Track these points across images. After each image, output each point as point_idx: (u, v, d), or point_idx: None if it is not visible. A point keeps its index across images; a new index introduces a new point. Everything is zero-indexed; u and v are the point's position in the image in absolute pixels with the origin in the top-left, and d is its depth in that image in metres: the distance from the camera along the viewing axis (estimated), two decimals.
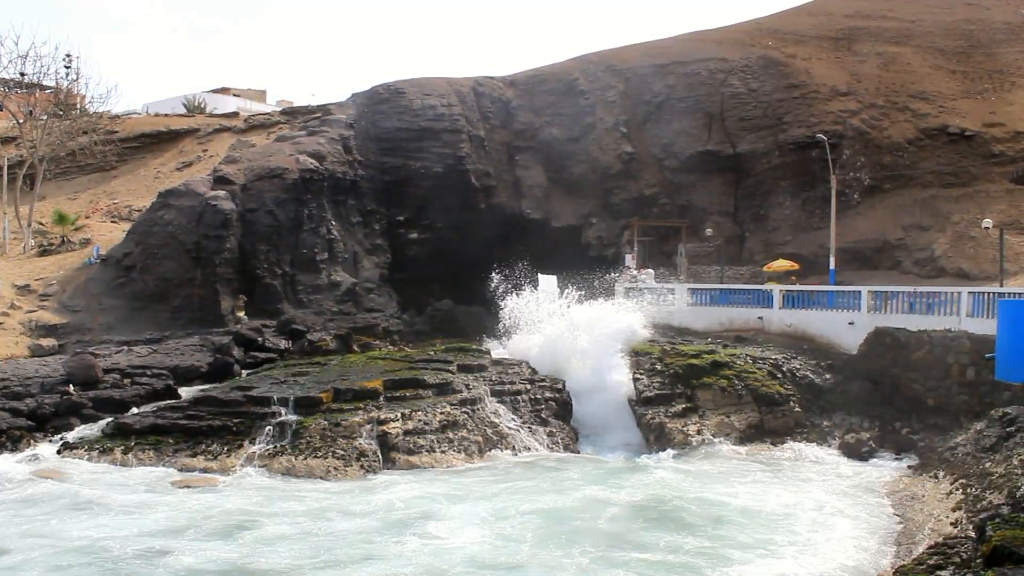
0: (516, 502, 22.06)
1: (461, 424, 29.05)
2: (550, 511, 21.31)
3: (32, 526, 20.56)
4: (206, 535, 19.77)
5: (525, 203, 47.04)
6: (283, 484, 24.50)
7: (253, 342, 36.62)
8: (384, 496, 22.89)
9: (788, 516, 21.12)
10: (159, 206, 41.71)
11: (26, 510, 22.06)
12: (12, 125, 56.74)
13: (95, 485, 23.96)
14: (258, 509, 21.78)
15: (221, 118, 62.68)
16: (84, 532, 19.88)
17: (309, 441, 26.89)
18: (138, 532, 19.93)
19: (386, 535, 19.58)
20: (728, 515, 21.05)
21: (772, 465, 27.57)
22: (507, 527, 20.05)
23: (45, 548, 18.89)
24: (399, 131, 46.33)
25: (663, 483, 24.60)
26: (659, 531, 19.78)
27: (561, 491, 23.31)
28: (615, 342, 34.26)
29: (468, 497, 22.75)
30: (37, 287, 40.71)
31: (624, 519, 20.94)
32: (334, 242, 42.42)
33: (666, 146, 47.21)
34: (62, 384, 30.68)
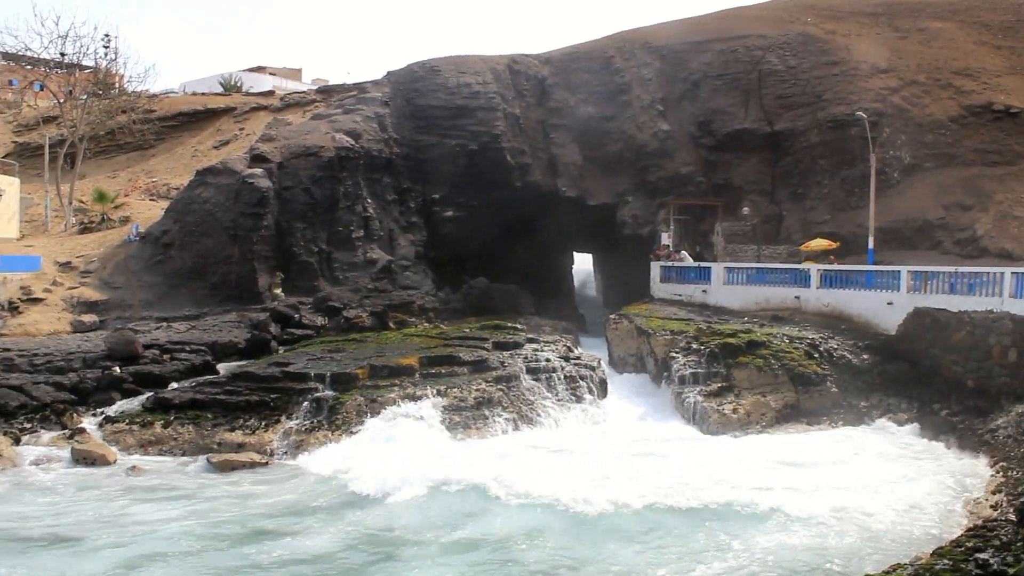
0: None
1: (496, 401, 29.20)
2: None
3: (97, 510, 20.91)
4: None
5: (560, 181, 46.80)
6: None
7: (290, 319, 36.90)
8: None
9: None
10: (197, 184, 42.01)
11: (81, 493, 22.41)
12: (53, 105, 57.40)
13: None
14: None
15: (257, 97, 62.94)
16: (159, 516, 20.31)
17: (345, 417, 27.15)
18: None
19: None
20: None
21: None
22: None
23: (118, 533, 19.25)
24: (434, 109, 46.23)
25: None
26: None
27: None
28: None
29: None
30: (78, 264, 41.22)
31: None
32: (370, 220, 42.52)
33: (702, 124, 46.71)
34: (103, 359, 31.16)
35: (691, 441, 28.20)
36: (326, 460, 24.94)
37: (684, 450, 26.50)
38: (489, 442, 27.03)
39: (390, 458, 24.06)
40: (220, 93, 66.31)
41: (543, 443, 26.98)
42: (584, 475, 22.88)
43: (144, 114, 57.13)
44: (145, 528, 19.53)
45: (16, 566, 17.27)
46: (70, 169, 51.83)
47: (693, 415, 30.26)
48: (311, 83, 76.58)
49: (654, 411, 32.06)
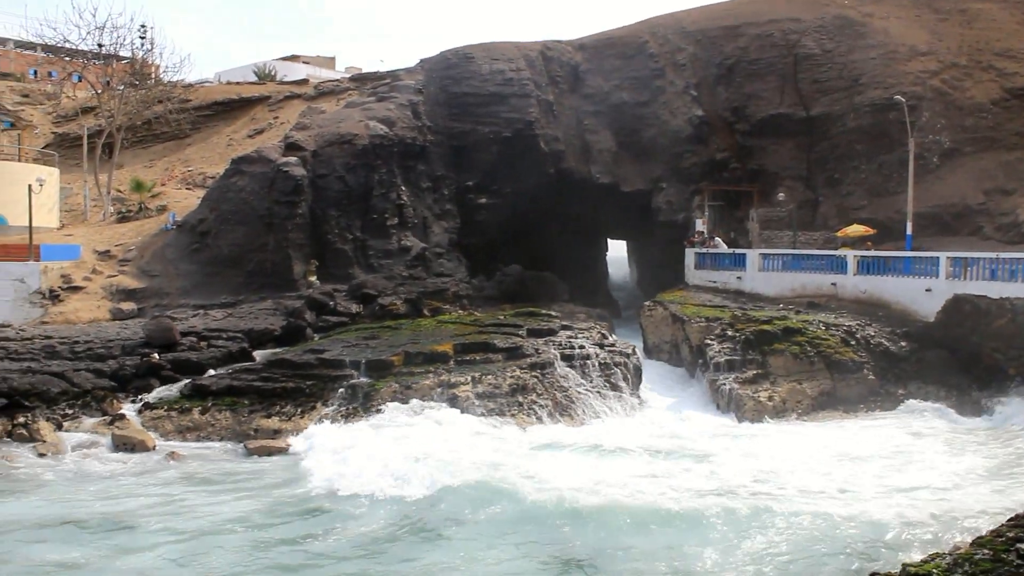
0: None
1: (531, 388, 29.22)
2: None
3: (143, 495, 21.18)
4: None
5: (594, 168, 46.61)
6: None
7: (325, 306, 37.11)
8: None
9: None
10: (232, 173, 42.29)
11: (125, 478, 22.72)
12: (91, 96, 58.00)
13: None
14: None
15: (291, 85, 63.19)
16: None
17: (380, 403, 27.28)
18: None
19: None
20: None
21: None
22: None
23: (168, 518, 19.47)
24: (468, 96, 46.19)
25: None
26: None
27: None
28: None
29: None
30: (117, 253, 41.67)
31: None
32: (404, 207, 42.61)
33: (737, 109, 46.35)
34: (142, 346, 31.50)
35: (731, 431, 27.79)
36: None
37: (727, 443, 25.94)
38: (525, 431, 27.02)
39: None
40: (254, 82, 66.66)
41: (578, 432, 26.96)
42: (623, 469, 22.41)
43: (180, 104, 57.62)
44: (193, 513, 19.77)
45: (72, 550, 17.51)
46: (108, 159, 52.39)
47: (728, 402, 30.12)
48: (344, 71, 76.71)
49: (689, 399, 32.02)
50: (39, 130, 58.47)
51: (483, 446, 24.60)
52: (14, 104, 59.15)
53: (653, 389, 33.00)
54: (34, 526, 18.74)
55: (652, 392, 32.63)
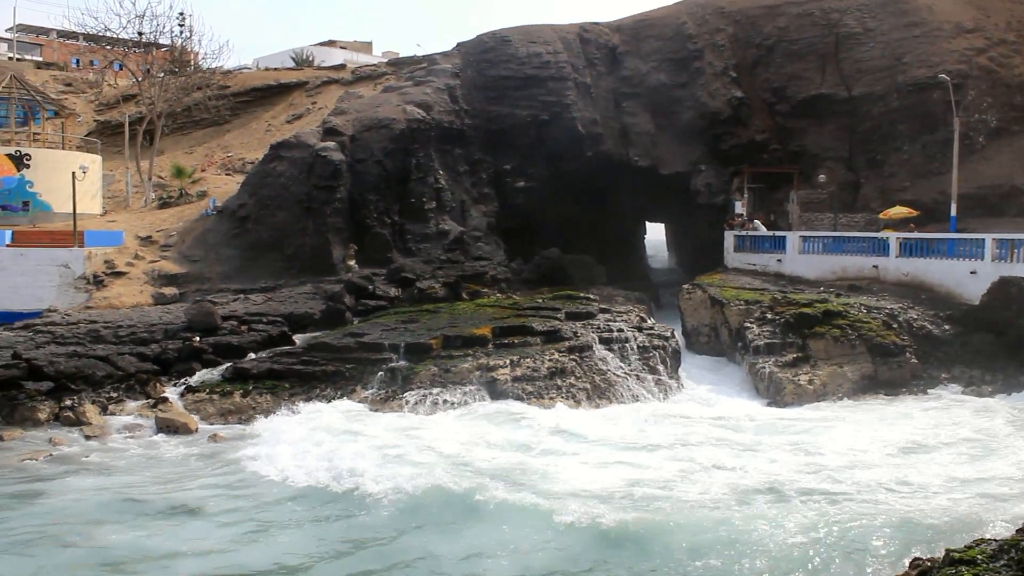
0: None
1: (570, 371, 29.21)
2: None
3: (194, 478, 21.41)
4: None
5: (632, 150, 46.33)
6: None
7: (364, 290, 37.28)
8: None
9: None
10: (271, 158, 42.56)
11: (173, 460, 23.01)
12: (132, 83, 58.68)
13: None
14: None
15: (329, 71, 63.43)
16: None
17: (420, 386, 27.42)
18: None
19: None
20: None
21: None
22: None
23: (226, 501, 19.65)
24: (505, 80, 46.05)
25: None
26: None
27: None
28: None
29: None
30: (158, 238, 42.16)
31: None
32: (442, 191, 42.67)
33: (777, 90, 45.81)
34: (184, 331, 31.87)
35: (774, 417, 27.13)
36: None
37: (771, 432, 25.03)
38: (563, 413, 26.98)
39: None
40: (292, 68, 67.03)
41: (614, 418, 26.74)
42: (661, 465, 21.57)
43: (219, 90, 58.08)
44: (245, 493, 20.07)
45: (135, 532, 17.75)
46: (149, 146, 52.99)
47: (768, 386, 29.89)
48: (381, 56, 76.84)
49: (728, 382, 31.83)
50: (82, 118, 59.26)
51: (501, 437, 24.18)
52: (57, 93, 59.93)
53: (692, 372, 32.86)
54: (93, 508, 18.98)
55: (691, 375, 32.49)
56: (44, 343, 30.35)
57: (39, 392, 26.72)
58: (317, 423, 25.21)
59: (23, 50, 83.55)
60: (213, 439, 24.77)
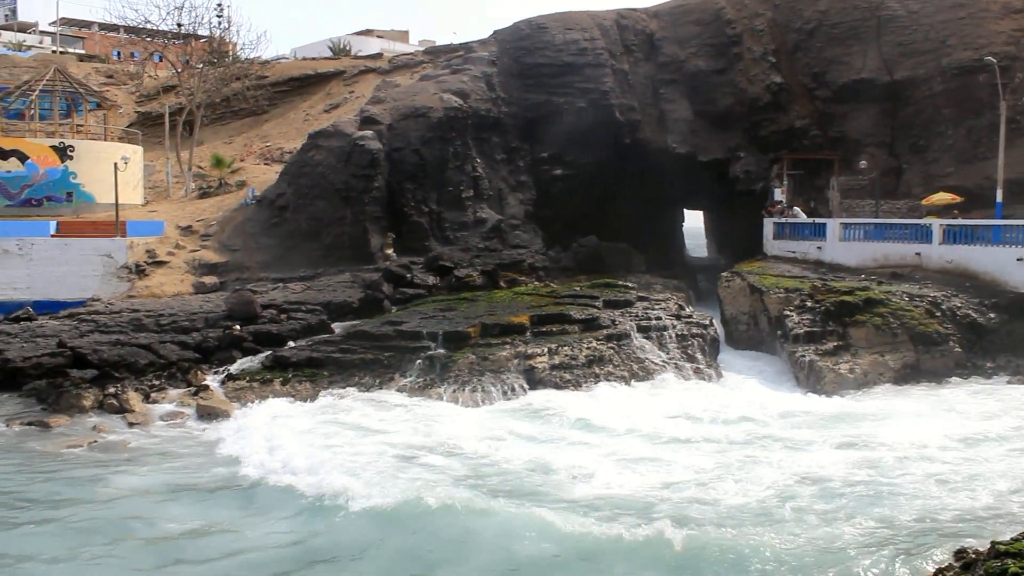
0: None
1: (608, 359, 29.15)
2: None
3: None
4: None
5: (670, 137, 45.98)
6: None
7: (402, 278, 37.42)
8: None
9: None
10: (309, 147, 42.76)
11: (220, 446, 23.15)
12: (171, 75, 59.22)
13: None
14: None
15: (366, 60, 63.61)
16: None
17: (458, 374, 27.48)
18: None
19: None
20: None
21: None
22: None
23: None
24: (542, 67, 45.83)
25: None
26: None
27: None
28: None
29: None
30: (198, 228, 42.56)
31: None
32: (479, 179, 42.65)
33: (817, 75, 45.14)
34: (224, 319, 32.22)
35: (817, 408, 26.57)
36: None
37: (816, 424, 24.55)
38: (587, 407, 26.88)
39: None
40: (329, 57, 67.28)
41: (654, 406, 26.48)
42: (699, 462, 20.96)
43: (257, 80, 58.46)
44: None
45: (195, 517, 18.03)
46: (189, 136, 53.46)
47: (808, 375, 29.57)
48: (418, 44, 76.92)
49: (767, 371, 31.56)
50: (123, 110, 59.94)
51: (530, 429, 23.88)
52: (99, 85, 60.64)
53: (730, 361, 32.63)
54: (149, 494, 19.29)
55: (729, 364, 32.26)
56: (88, 332, 30.85)
57: (84, 380, 27.21)
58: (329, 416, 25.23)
59: (66, 43, 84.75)
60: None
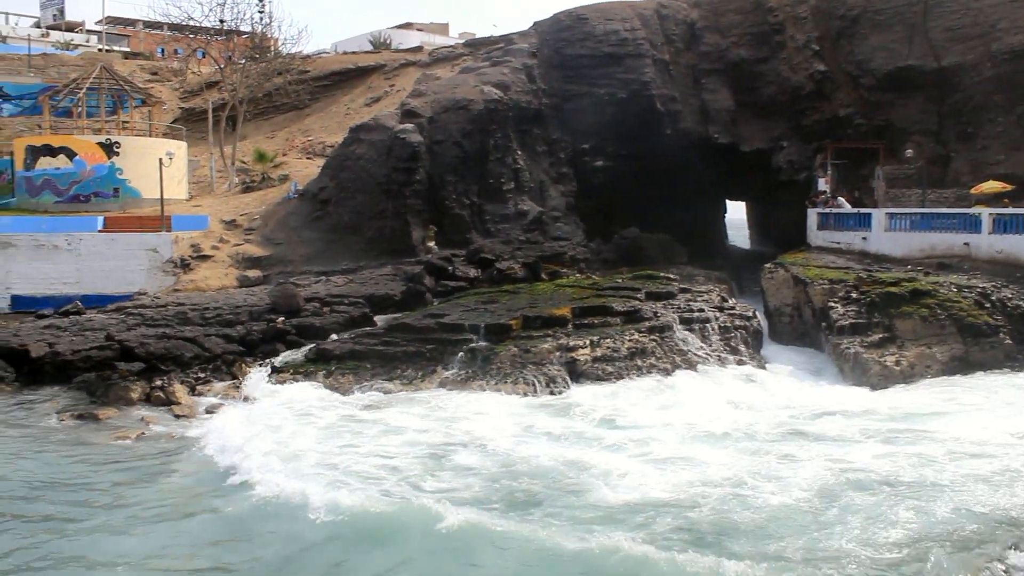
0: None
1: (650, 351, 28.99)
2: None
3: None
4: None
5: (712, 127, 45.65)
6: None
7: (443, 271, 37.52)
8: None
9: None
10: (350, 141, 42.99)
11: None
12: (214, 71, 59.80)
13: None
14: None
15: (406, 53, 63.79)
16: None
17: (500, 367, 27.48)
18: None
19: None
20: None
21: None
22: None
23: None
24: (582, 58, 45.69)
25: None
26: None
27: None
28: None
29: None
30: (242, 222, 42.98)
31: None
32: (520, 171, 42.64)
33: (862, 63, 44.48)
34: (268, 312, 32.51)
35: (864, 398, 26.15)
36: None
37: (863, 413, 24.13)
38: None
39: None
40: (370, 51, 67.60)
41: (696, 399, 26.22)
42: (736, 459, 20.39)
43: (298, 75, 58.83)
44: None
45: (235, 505, 18.03)
46: (232, 131, 53.95)
47: (853, 367, 29.17)
48: (458, 37, 77.01)
49: (811, 363, 31.15)
50: (167, 106, 60.62)
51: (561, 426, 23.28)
52: (144, 82, 61.39)
53: (774, 353, 32.33)
54: (192, 484, 19.49)
55: (773, 356, 31.97)
56: (135, 325, 31.28)
57: (131, 372, 27.56)
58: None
59: (111, 41, 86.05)
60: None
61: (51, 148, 46.35)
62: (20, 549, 16.11)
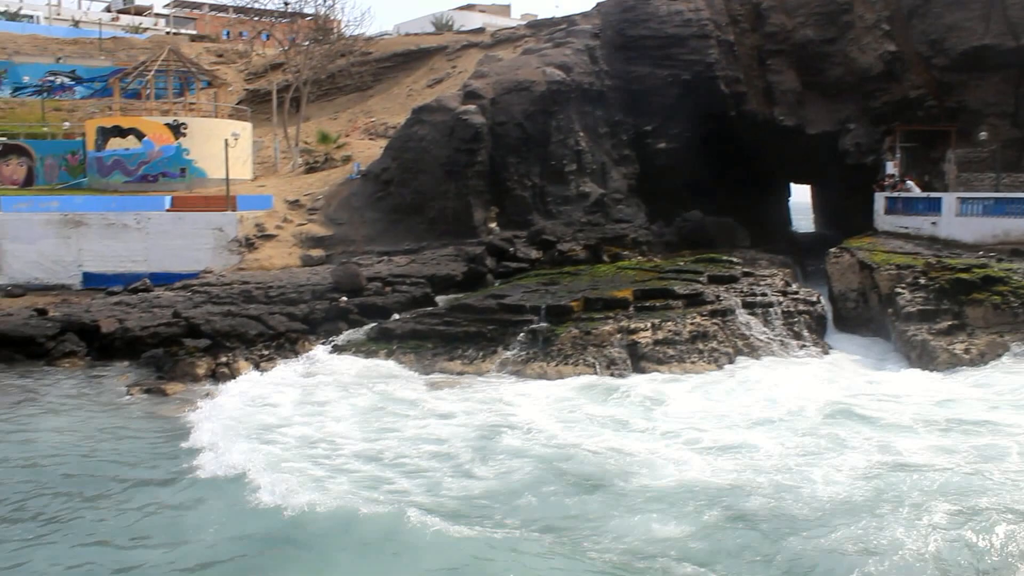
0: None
1: (712, 335, 28.73)
2: None
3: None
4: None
5: (777, 110, 44.88)
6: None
7: (505, 252, 37.57)
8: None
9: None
10: (413, 122, 43.13)
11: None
12: (279, 53, 60.47)
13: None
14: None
15: (468, 34, 63.80)
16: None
17: (560, 348, 27.47)
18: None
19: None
20: None
21: None
22: None
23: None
24: (645, 39, 45.19)
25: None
26: None
27: None
28: None
29: None
30: (306, 202, 43.46)
31: None
32: (582, 153, 42.44)
33: (935, 42, 43.32)
34: (330, 291, 32.88)
35: (932, 387, 25.34)
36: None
37: (931, 401, 23.50)
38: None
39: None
40: (432, 33, 67.72)
41: (756, 384, 25.78)
42: (807, 437, 20.32)
43: (361, 57, 59.23)
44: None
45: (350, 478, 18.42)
46: (295, 112, 54.51)
47: (920, 355, 28.52)
48: (520, 18, 76.82)
49: (877, 350, 30.56)
50: (232, 87, 61.46)
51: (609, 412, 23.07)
52: (210, 64, 62.29)
53: (838, 339, 31.81)
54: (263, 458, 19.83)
55: (837, 342, 31.45)
56: (201, 303, 31.87)
57: (197, 349, 28.11)
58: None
59: (178, 24, 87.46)
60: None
61: (121, 129, 47.29)
62: (103, 522, 16.60)
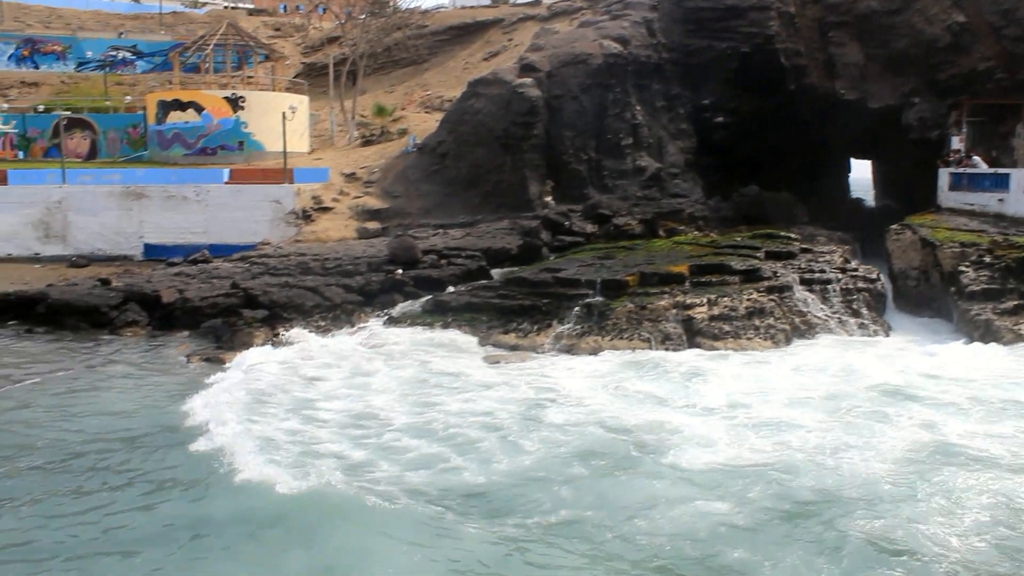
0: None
1: (768, 312, 28.42)
2: None
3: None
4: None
5: (839, 83, 43.94)
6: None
7: (560, 226, 37.45)
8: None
9: None
10: (469, 95, 43.06)
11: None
12: (335, 26, 60.70)
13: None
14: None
15: (524, 7, 63.42)
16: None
17: (615, 323, 27.38)
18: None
19: None
20: None
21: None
22: None
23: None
24: (704, 11, 44.48)
25: None
26: None
27: None
28: None
29: None
30: (362, 175, 43.71)
31: None
32: (638, 127, 42.03)
33: (1007, 12, 41.94)
34: (386, 264, 33.11)
35: (1005, 369, 24.38)
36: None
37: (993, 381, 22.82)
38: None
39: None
40: (488, 5, 67.38)
41: (815, 363, 25.31)
42: (860, 417, 19.90)
43: (417, 30, 59.25)
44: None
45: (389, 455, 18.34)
46: (352, 86, 54.74)
47: (983, 335, 27.90)
48: None
49: (938, 329, 29.97)
50: (289, 61, 61.90)
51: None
52: (267, 38, 62.79)
53: (898, 317, 31.26)
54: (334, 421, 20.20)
55: (897, 321, 30.91)
56: (259, 274, 32.30)
57: (255, 319, 28.52)
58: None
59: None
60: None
61: (180, 103, 47.95)
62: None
